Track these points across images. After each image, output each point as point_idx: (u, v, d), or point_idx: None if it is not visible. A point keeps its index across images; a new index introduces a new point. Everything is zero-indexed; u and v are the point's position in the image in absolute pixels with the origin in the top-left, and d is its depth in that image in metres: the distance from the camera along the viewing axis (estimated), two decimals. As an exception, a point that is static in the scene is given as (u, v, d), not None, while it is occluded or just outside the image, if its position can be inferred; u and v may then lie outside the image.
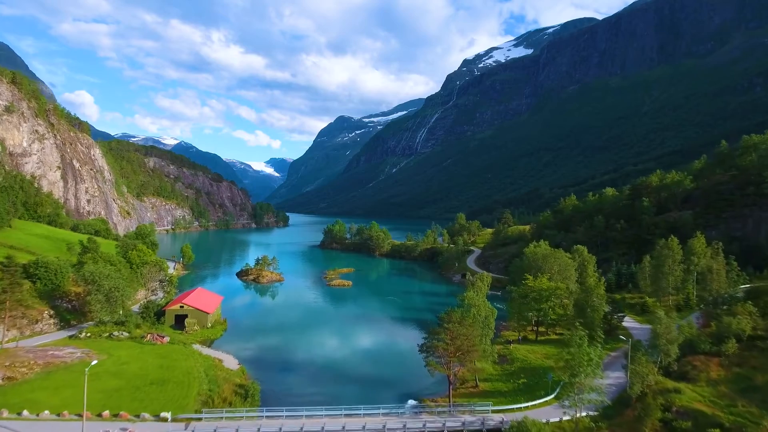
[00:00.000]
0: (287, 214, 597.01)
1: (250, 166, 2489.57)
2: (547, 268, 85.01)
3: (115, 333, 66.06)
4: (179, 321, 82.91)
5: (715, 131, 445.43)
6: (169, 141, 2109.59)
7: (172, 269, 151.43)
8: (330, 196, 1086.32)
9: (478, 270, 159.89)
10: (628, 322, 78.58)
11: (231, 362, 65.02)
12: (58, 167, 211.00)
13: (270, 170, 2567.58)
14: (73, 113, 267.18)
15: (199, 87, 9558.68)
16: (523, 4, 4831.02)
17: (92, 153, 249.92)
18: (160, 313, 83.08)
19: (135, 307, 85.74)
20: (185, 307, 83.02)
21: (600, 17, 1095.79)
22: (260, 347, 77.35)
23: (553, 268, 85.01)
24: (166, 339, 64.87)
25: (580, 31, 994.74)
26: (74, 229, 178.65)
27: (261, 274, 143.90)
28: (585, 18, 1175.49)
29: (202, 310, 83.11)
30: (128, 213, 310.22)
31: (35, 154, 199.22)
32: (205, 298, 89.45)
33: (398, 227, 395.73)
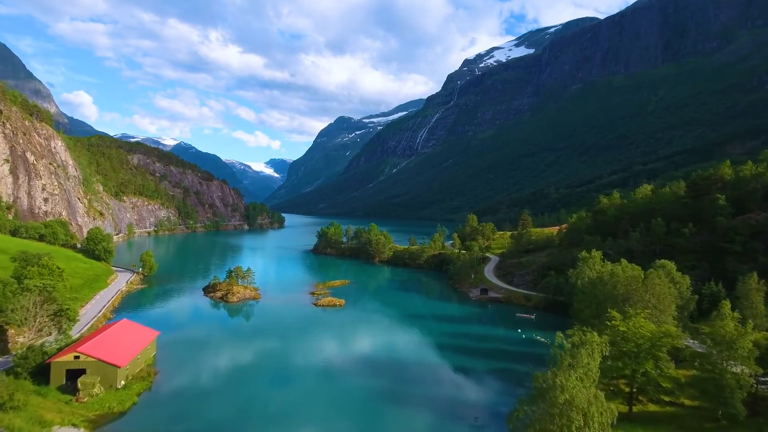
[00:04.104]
0: (285, 214, 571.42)
1: (249, 167, 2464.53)
2: (636, 300, 55.93)
3: None
4: (74, 378, 54.11)
5: (725, 129, 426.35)
6: (169, 141, 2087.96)
7: (123, 284, 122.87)
8: (329, 197, 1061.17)
9: (500, 284, 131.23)
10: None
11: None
12: (6, 160, 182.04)
13: (270, 171, 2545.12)
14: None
15: (198, 87, 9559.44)
16: (524, 3, 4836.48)
17: (52, 145, 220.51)
18: (44, 368, 54.35)
19: (5, 359, 57.01)
20: (82, 357, 54.11)
21: (601, 17, 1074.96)
22: (189, 429, 48.18)
23: (646, 299, 55.78)
24: (-2, 439, 36.67)
25: (582, 30, 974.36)
26: (14, 233, 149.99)
27: (231, 291, 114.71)
28: (587, 17, 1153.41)
29: (108, 362, 54.08)
30: (101, 214, 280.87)
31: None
32: (119, 341, 59.99)
33: (399, 229, 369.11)
